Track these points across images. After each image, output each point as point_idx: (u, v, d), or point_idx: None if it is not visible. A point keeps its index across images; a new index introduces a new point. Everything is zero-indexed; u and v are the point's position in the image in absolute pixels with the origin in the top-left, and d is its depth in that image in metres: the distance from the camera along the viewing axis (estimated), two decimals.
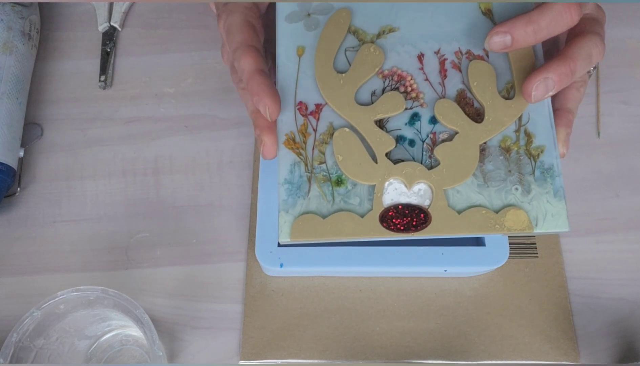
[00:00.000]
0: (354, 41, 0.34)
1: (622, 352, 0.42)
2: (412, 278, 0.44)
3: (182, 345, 0.43)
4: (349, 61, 0.34)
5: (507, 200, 0.31)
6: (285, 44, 0.34)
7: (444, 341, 0.42)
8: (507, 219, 0.31)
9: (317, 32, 0.34)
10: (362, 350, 0.42)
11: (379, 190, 0.32)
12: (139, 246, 0.46)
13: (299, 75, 0.34)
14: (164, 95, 0.52)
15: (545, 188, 0.32)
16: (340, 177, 0.32)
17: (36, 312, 0.35)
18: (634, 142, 0.49)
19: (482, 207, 0.31)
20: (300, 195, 0.32)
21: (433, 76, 0.34)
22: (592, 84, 0.52)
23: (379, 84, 0.34)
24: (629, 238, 0.46)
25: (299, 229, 0.31)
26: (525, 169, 0.32)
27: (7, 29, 0.48)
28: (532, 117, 0.33)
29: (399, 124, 0.33)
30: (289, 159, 0.32)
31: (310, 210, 0.31)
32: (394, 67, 0.34)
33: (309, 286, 0.44)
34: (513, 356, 0.42)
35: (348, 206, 0.32)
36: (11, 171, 0.46)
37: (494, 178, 0.32)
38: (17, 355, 0.35)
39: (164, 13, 0.56)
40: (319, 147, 0.32)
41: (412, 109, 0.33)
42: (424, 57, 0.34)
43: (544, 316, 0.43)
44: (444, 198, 0.32)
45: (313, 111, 0.33)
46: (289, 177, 0.32)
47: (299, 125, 0.33)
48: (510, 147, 0.33)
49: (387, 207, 0.31)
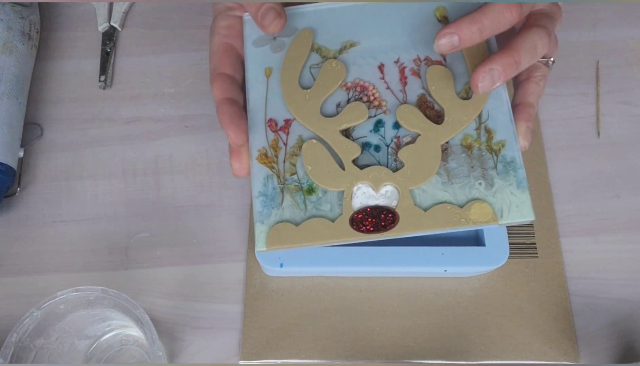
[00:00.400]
0: (317, 59, 0.36)
1: (622, 352, 0.42)
2: (412, 278, 0.44)
3: (182, 345, 0.43)
4: (314, 77, 0.36)
5: (471, 195, 0.33)
6: (254, 67, 0.36)
7: (444, 341, 0.42)
8: (472, 212, 0.32)
9: (283, 54, 0.36)
10: (362, 350, 0.42)
11: (347, 195, 0.33)
12: (139, 246, 0.46)
13: (267, 94, 0.36)
14: (164, 95, 0.52)
15: (508, 180, 0.33)
16: (311, 186, 0.34)
17: (36, 312, 0.35)
18: (634, 142, 0.49)
19: (447, 203, 0.33)
20: (274, 206, 0.33)
21: (394, 84, 0.36)
22: (592, 84, 0.52)
23: (344, 96, 0.36)
24: (629, 238, 0.46)
25: (274, 238, 0.33)
26: (488, 164, 0.33)
27: (7, 29, 0.48)
28: (492, 114, 0.34)
29: (364, 132, 0.35)
30: (262, 173, 0.34)
31: (284, 219, 0.33)
32: (357, 79, 0.36)
33: (309, 286, 0.44)
34: (513, 356, 0.42)
35: (320, 213, 0.33)
36: (11, 171, 0.46)
37: (457, 175, 0.33)
38: (17, 355, 0.35)
39: (164, 13, 0.56)
40: (289, 159, 0.34)
41: (376, 117, 0.35)
42: (384, 67, 0.36)
43: (544, 316, 0.43)
44: (410, 197, 0.33)
45: (282, 126, 0.35)
46: (263, 190, 0.34)
47: (270, 140, 0.35)
48: (472, 144, 0.34)
49: (357, 210, 0.33)
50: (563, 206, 0.47)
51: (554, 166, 0.48)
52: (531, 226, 0.46)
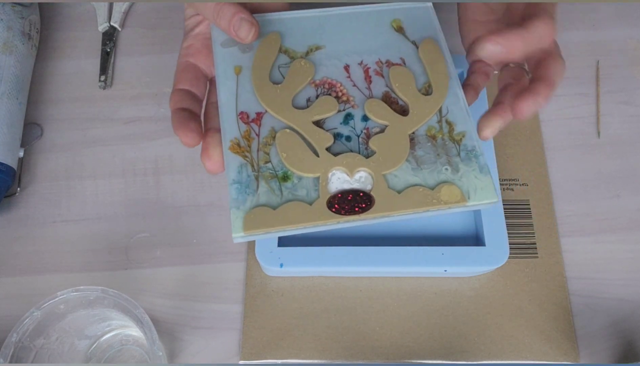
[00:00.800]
0: (285, 59, 0.38)
1: (622, 352, 0.42)
2: (412, 278, 0.44)
3: (182, 345, 0.43)
4: (283, 75, 0.37)
5: (439, 178, 0.34)
6: (223, 65, 0.37)
7: (444, 341, 0.42)
8: (442, 194, 0.34)
9: (252, 54, 0.37)
10: (362, 350, 0.42)
11: (323, 180, 0.34)
12: (139, 246, 0.46)
13: (238, 90, 0.36)
14: (164, 95, 0.52)
15: (471, 166, 0.35)
16: (286, 173, 0.34)
17: (36, 312, 0.35)
18: (634, 142, 0.49)
19: (419, 185, 0.34)
20: (249, 192, 0.33)
21: (359, 82, 0.37)
22: (592, 84, 0.52)
23: (313, 92, 0.37)
24: (629, 238, 0.46)
25: (251, 222, 0.33)
26: (452, 152, 0.35)
27: (7, 29, 0.48)
28: (451, 109, 0.37)
29: (335, 124, 0.36)
30: (236, 162, 0.34)
31: (261, 203, 0.33)
32: (324, 77, 0.37)
33: (309, 286, 0.44)
34: (513, 356, 0.42)
35: (296, 198, 0.33)
36: (11, 171, 0.46)
37: (425, 162, 0.35)
38: (17, 355, 0.35)
39: (164, 13, 0.56)
40: (263, 149, 0.35)
41: (345, 111, 0.36)
42: (349, 68, 0.38)
43: (544, 316, 0.43)
44: (384, 181, 0.34)
45: (254, 119, 0.36)
46: (237, 178, 0.34)
47: (243, 131, 0.35)
48: (436, 135, 0.36)
49: (333, 193, 0.33)
50: (563, 206, 0.47)
51: (554, 166, 0.48)
52: (531, 226, 0.46)
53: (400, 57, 0.38)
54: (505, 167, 0.48)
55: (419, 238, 0.44)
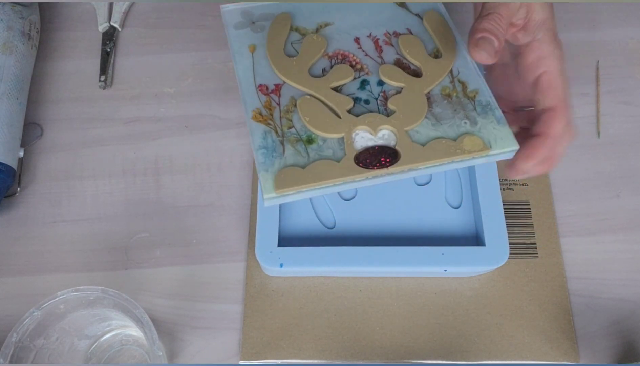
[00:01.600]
0: (297, 36, 0.39)
1: (622, 352, 0.42)
2: (412, 278, 0.44)
3: (182, 345, 0.43)
4: (297, 50, 0.39)
5: (460, 131, 0.35)
6: (237, 45, 0.39)
7: (444, 341, 0.42)
8: (465, 144, 0.35)
9: (264, 33, 0.39)
10: (362, 349, 0.42)
11: (348, 139, 0.35)
12: (139, 246, 0.46)
13: (254, 66, 0.38)
14: (164, 95, 0.52)
15: (489, 118, 0.36)
16: (310, 136, 0.35)
17: (36, 312, 0.35)
18: (634, 142, 0.49)
19: (442, 138, 0.35)
20: (276, 155, 0.34)
21: (371, 52, 0.39)
22: (592, 84, 0.52)
23: (327, 63, 0.38)
24: (629, 238, 0.46)
25: (281, 182, 0.33)
26: (468, 107, 0.37)
27: (7, 29, 0.48)
28: (461, 71, 0.38)
29: (352, 90, 0.37)
30: (260, 130, 0.35)
31: (289, 164, 0.34)
32: (337, 49, 0.39)
33: (309, 286, 0.44)
34: (513, 356, 0.42)
35: (323, 157, 0.34)
36: (11, 171, 0.46)
37: (444, 118, 0.36)
38: (17, 355, 0.35)
39: (164, 13, 0.56)
40: (285, 115, 0.36)
41: (360, 77, 0.38)
42: (360, 40, 0.40)
43: (544, 316, 0.43)
44: (407, 136, 0.35)
45: (273, 90, 0.37)
46: (263, 143, 0.34)
47: (263, 102, 0.36)
48: (451, 93, 0.37)
49: (360, 149, 0.34)
50: (563, 206, 0.47)
51: None
52: (531, 226, 0.46)
53: (406, 28, 0.40)
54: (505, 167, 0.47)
55: (419, 238, 0.44)
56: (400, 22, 0.40)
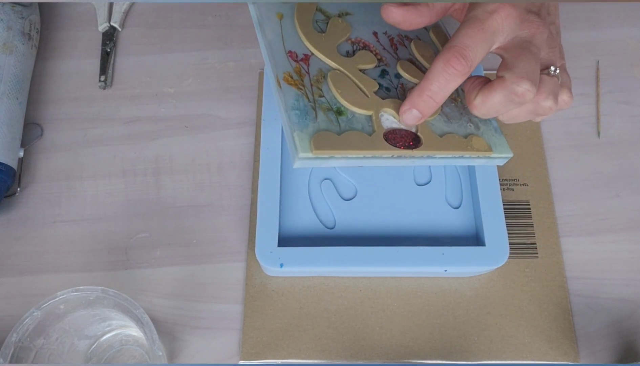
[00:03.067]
0: (322, 17, 0.40)
1: (622, 352, 0.42)
2: (412, 278, 0.44)
3: (182, 345, 0.43)
4: (322, 30, 0.39)
5: (467, 131, 0.38)
6: (265, 9, 0.38)
7: (444, 341, 0.42)
8: (474, 142, 0.37)
9: (292, 5, 0.39)
10: (362, 349, 0.42)
11: (376, 118, 0.36)
12: (139, 246, 0.46)
13: (283, 33, 0.38)
14: (164, 95, 0.52)
15: (488, 125, 0.39)
16: (340, 108, 0.35)
17: (36, 312, 0.35)
18: (634, 142, 0.49)
19: (454, 133, 0.37)
20: (309, 119, 0.34)
21: (387, 47, 0.40)
22: (592, 84, 0.52)
23: (350, 48, 0.39)
24: (629, 238, 0.46)
25: (319, 143, 0.33)
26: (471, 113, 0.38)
27: (7, 29, 0.48)
28: None
29: (375, 76, 0.38)
30: (292, 92, 0.35)
31: (323, 129, 0.34)
32: (358, 37, 0.40)
33: (309, 286, 0.44)
34: (513, 356, 0.42)
35: (354, 129, 0.35)
36: (11, 171, 0.46)
37: (453, 117, 0.38)
38: (17, 355, 0.35)
39: (164, 13, 0.56)
40: (315, 84, 0.36)
41: (381, 67, 0.39)
42: (377, 34, 0.40)
43: (544, 316, 0.43)
44: (427, 125, 0.37)
45: (302, 58, 0.37)
46: (296, 105, 0.34)
47: (293, 67, 0.36)
48: (456, 98, 0.39)
49: (387, 129, 0.36)
50: (563, 206, 0.47)
51: (554, 166, 0.48)
52: (531, 226, 0.46)
53: (416, 35, 0.42)
54: (505, 167, 0.48)
55: (419, 238, 0.44)
56: (410, 31, 0.41)
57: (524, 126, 0.50)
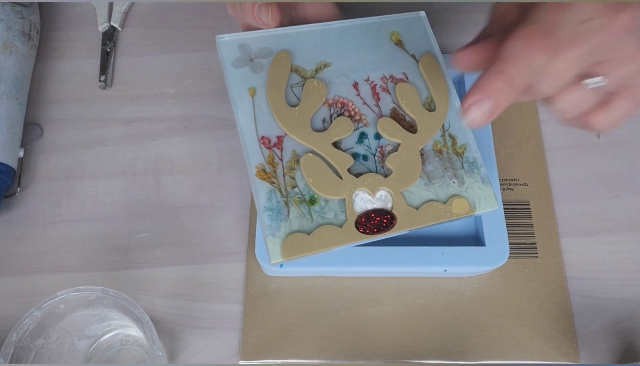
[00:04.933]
0: (297, 78, 0.39)
1: (622, 352, 0.42)
2: (412, 278, 0.44)
3: (182, 345, 0.43)
4: (297, 96, 0.38)
5: (449, 192, 0.37)
6: (237, 87, 0.38)
7: (444, 342, 0.42)
8: (454, 206, 0.37)
9: (263, 75, 0.38)
10: (362, 350, 0.42)
11: (349, 202, 0.36)
12: (139, 246, 0.46)
13: (255, 113, 0.37)
14: (164, 95, 0.52)
15: (474, 177, 0.38)
16: (313, 196, 0.36)
17: (36, 312, 0.35)
18: (634, 142, 0.49)
19: (433, 201, 0.37)
20: (281, 218, 0.35)
21: (368, 99, 0.39)
22: None
23: (327, 112, 0.38)
24: (629, 238, 0.46)
25: (288, 249, 0.34)
26: (456, 165, 0.38)
27: (6, 29, 0.48)
28: (452, 124, 0.39)
29: (351, 144, 0.38)
30: (265, 189, 0.35)
31: (294, 230, 0.35)
32: (336, 96, 0.39)
33: (309, 286, 0.44)
34: (513, 356, 0.42)
35: (326, 221, 0.35)
36: (11, 171, 0.46)
37: (435, 176, 0.38)
38: (17, 355, 0.35)
39: (164, 13, 0.56)
40: (288, 173, 0.36)
41: (359, 129, 0.38)
42: (358, 85, 0.39)
43: (544, 316, 0.43)
44: (403, 198, 0.37)
45: (276, 143, 0.37)
46: (268, 205, 0.35)
47: (266, 157, 0.36)
48: (442, 149, 0.39)
49: (360, 214, 0.36)
50: (563, 206, 0.47)
51: (554, 166, 0.48)
52: (531, 226, 0.46)
53: (402, 71, 0.40)
54: (505, 167, 0.48)
55: (419, 238, 0.44)
56: (396, 65, 0.40)
57: (524, 125, 0.50)
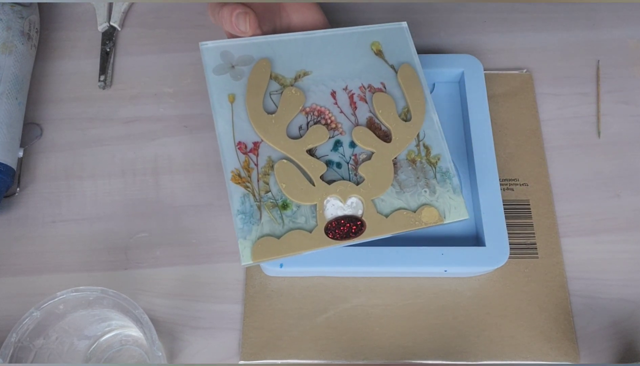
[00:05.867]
0: (276, 86, 0.40)
1: (622, 352, 0.42)
2: (412, 278, 0.44)
3: (181, 345, 0.42)
4: (275, 103, 0.39)
5: (420, 201, 0.38)
6: (217, 93, 0.39)
7: (444, 342, 0.42)
8: (423, 215, 0.38)
9: (243, 81, 0.39)
10: (361, 350, 0.42)
11: (320, 208, 0.37)
12: (139, 246, 0.46)
13: (233, 118, 0.38)
14: (164, 95, 0.52)
15: (446, 187, 0.39)
16: (285, 201, 0.37)
17: (36, 312, 0.35)
18: (634, 142, 0.49)
19: (403, 209, 0.38)
20: (253, 222, 0.36)
21: (345, 108, 0.40)
22: (592, 84, 0.52)
23: (304, 120, 0.39)
24: (629, 238, 0.46)
25: (258, 252, 0.35)
26: (429, 174, 0.39)
27: (6, 29, 0.48)
28: (427, 134, 0.40)
29: (326, 151, 0.39)
30: (239, 193, 0.37)
31: (265, 233, 0.36)
32: (313, 104, 0.40)
33: (309, 286, 0.44)
34: (513, 356, 0.42)
35: (296, 225, 0.36)
36: (11, 171, 0.46)
37: (407, 185, 0.39)
38: (17, 355, 0.35)
39: (164, 13, 0.56)
40: (262, 178, 0.37)
41: (334, 137, 0.39)
42: (336, 94, 0.40)
43: (544, 316, 0.43)
44: (373, 206, 0.38)
45: (252, 149, 0.38)
46: (241, 208, 0.36)
47: (242, 162, 0.37)
48: (415, 158, 0.40)
49: (330, 220, 0.37)
50: (563, 206, 0.47)
51: (554, 166, 0.48)
52: (531, 226, 0.46)
53: (381, 81, 0.41)
54: (505, 167, 0.48)
55: (419, 238, 0.44)
56: (375, 75, 0.41)
57: (524, 125, 0.49)
